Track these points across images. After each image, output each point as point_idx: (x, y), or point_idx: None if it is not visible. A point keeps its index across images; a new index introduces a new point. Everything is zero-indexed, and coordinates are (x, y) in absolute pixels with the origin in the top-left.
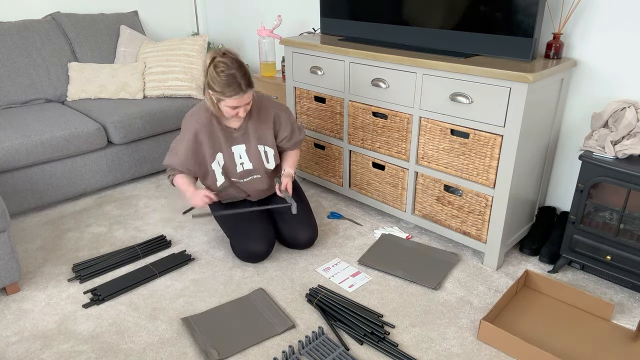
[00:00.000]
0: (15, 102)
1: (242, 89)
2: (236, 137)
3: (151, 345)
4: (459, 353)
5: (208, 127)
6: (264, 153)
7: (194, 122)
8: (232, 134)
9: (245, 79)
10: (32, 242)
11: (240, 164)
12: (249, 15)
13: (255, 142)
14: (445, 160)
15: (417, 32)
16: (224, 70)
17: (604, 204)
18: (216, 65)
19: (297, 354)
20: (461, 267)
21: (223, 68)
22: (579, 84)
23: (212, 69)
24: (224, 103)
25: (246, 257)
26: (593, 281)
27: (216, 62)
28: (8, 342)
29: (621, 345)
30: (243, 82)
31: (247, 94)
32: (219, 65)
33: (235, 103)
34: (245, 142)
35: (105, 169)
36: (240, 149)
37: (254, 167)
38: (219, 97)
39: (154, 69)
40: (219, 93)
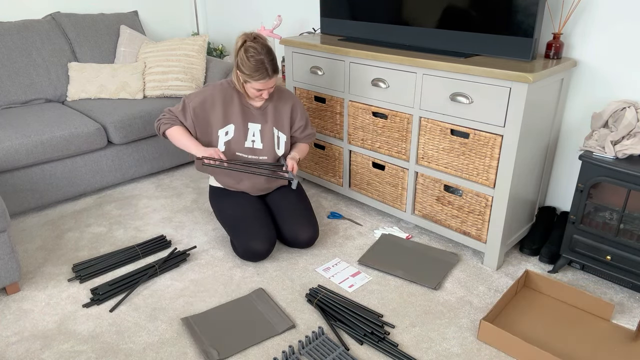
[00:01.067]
0: (15, 102)
1: (268, 74)
2: (255, 114)
3: (151, 345)
4: (459, 353)
5: (226, 94)
6: (277, 138)
7: (215, 86)
8: (251, 110)
9: (272, 65)
10: (32, 242)
11: (251, 140)
12: (249, 15)
13: (272, 125)
14: (445, 160)
15: (417, 32)
16: (253, 55)
17: (604, 204)
18: (246, 49)
19: (297, 354)
20: (461, 267)
21: (253, 53)
22: (579, 84)
23: (243, 52)
24: (250, 85)
25: (247, 255)
26: (593, 281)
27: (247, 47)
28: (8, 342)
29: (621, 345)
30: (270, 68)
31: (273, 79)
32: (249, 49)
33: (260, 86)
34: (262, 122)
35: (105, 169)
36: (256, 128)
37: (263, 147)
38: (246, 78)
39: (154, 69)
40: (246, 75)
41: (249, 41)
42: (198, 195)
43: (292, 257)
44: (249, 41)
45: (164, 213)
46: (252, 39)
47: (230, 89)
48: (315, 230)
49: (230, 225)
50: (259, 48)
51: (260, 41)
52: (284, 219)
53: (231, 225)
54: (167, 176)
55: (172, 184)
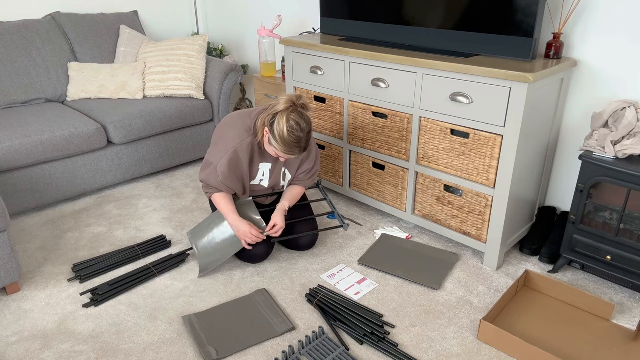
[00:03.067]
0: (15, 102)
1: (299, 152)
2: (267, 156)
3: (151, 345)
4: (459, 353)
5: (249, 149)
6: (283, 174)
7: (236, 141)
8: (265, 152)
9: (306, 144)
10: (32, 242)
11: (259, 180)
12: (249, 15)
13: (282, 165)
14: (445, 160)
15: (417, 32)
16: (294, 132)
17: (604, 204)
18: (289, 120)
19: (297, 354)
20: (461, 267)
21: (295, 129)
22: (579, 84)
23: (285, 121)
24: (274, 149)
25: (246, 258)
26: (593, 281)
27: (290, 117)
28: (8, 342)
29: (621, 345)
30: (303, 147)
31: (301, 156)
32: (291, 121)
33: (284, 157)
34: (273, 162)
35: (105, 169)
36: (266, 167)
37: (268, 186)
38: (273, 143)
39: (154, 69)
40: (276, 142)
41: (295, 111)
42: (198, 195)
43: (292, 257)
44: (295, 111)
45: (164, 213)
46: (299, 108)
47: (252, 141)
48: (316, 234)
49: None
50: (303, 126)
51: (306, 116)
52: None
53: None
54: (167, 176)
55: (172, 184)
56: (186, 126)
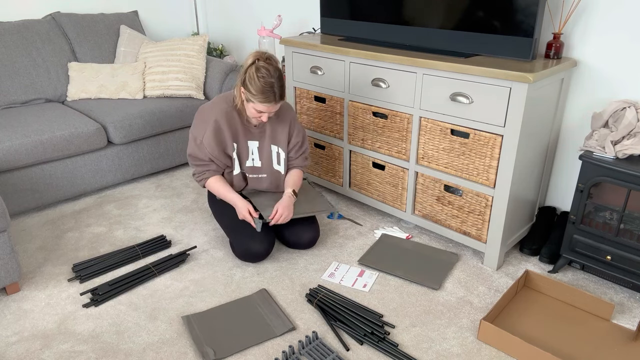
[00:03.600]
0: (15, 102)
1: (275, 99)
2: (253, 132)
3: (151, 345)
4: (459, 353)
5: (228, 116)
6: (277, 154)
7: (215, 111)
8: (250, 128)
9: (280, 90)
10: (32, 242)
11: (251, 159)
12: (249, 15)
13: (269, 142)
14: (445, 160)
15: (417, 32)
16: (264, 76)
17: (604, 204)
18: (258, 68)
19: (297, 354)
20: (461, 267)
21: (265, 74)
22: (579, 84)
23: (254, 70)
24: (252, 105)
25: (246, 256)
26: (593, 281)
27: (259, 65)
28: (8, 342)
29: (621, 345)
30: (278, 93)
31: (278, 104)
32: (261, 69)
33: (263, 109)
34: (260, 139)
35: (105, 169)
36: (254, 145)
37: (262, 165)
38: (250, 97)
39: (154, 69)
40: (251, 94)
41: (261, 60)
42: (198, 195)
43: (292, 257)
44: (262, 60)
45: (164, 213)
46: (265, 59)
47: (231, 109)
48: (317, 231)
49: (229, 227)
50: (272, 71)
51: (274, 63)
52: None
53: (230, 226)
54: (167, 176)
55: (172, 184)
56: (186, 126)
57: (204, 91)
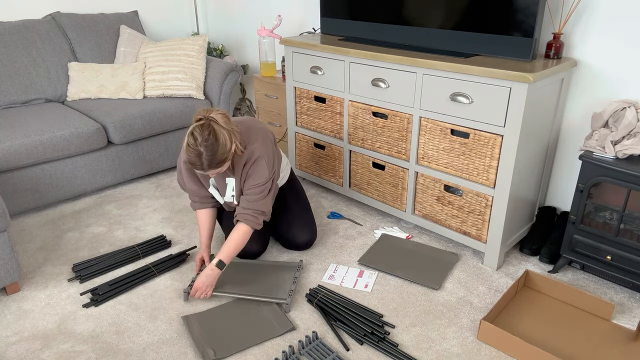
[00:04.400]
0: (15, 102)
1: (203, 169)
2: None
3: (151, 345)
4: (459, 353)
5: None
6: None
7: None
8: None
9: (209, 161)
10: (32, 242)
11: (231, 195)
12: (249, 15)
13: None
14: (445, 160)
15: (417, 32)
16: (190, 145)
17: (604, 204)
18: (189, 134)
19: (297, 354)
20: (461, 267)
21: (191, 143)
22: (579, 84)
23: (187, 135)
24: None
25: (240, 255)
26: (593, 281)
27: (193, 129)
28: (8, 342)
29: (621, 345)
30: (206, 163)
31: (212, 171)
32: (189, 136)
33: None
34: (236, 177)
35: (105, 169)
36: (232, 182)
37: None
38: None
39: (154, 69)
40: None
41: (199, 127)
42: None
43: (292, 257)
44: (197, 125)
45: (164, 213)
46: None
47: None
48: (313, 233)
49: (225, 224)
50: (200, 138)
51: (210, 129)
52: (281, 221)
53: (226, 224)
54: (167, 176)
55: (172, 184)
56: (186, 126)
57: (204, 91)
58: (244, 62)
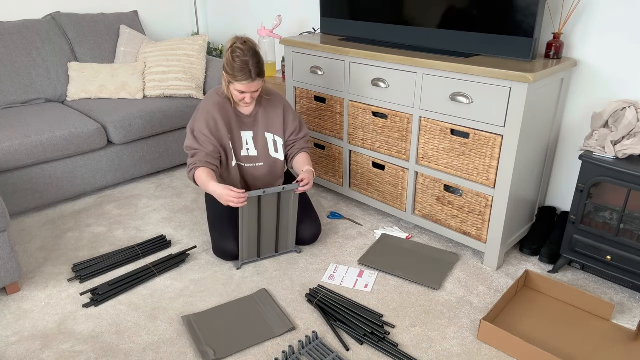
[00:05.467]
0: (15, 102)
1: (251, 76)
2: (246, 122)
3: (151, 345)
4: (459, 353)
5: (220, 107)
6: (273, 142)
7: (208, 103)
8: (243, 119)
9: (257, 68)
10: (32, 242)
11: (246, 149)
12: (249, 15)
13: (263, 130)
14: (445, 160)
15: (417, 32)
16: (239, 56)
17: (604, 204)
18: (233, 50)
19: (297, 354)
20: (461, 267)
21: (239, 54)
22: (579, 84)
23: (229, 53)
24: (233, 86)
25: (219, 253)
26: (593, 281)
27: (234, 48)
28: (8, 342)
29: (621, 345)
30: (254, 71)
31: (256, 82)
32: (235, 50)
33: (243, 88)
34: (254, 129)
35: (105, 169)
36: (248, 135)
37: (258, 154)
38: (230, 79)
39: (154, 69)
40: (230, 75)
41: (238, 43)
42: (198, 195)
43: (292, 257)
44: (238, 43)
45: (164, 213)
46: (242, 42)
47: (223, 100)
48: (319, 227)
49: (210, 224)
50: (246, 50)
51: (249, 44)
52: None
53: (211, 223)
54: (167, 176)
55: (172, 184)
56: (186, 126)
57: (204, 91)
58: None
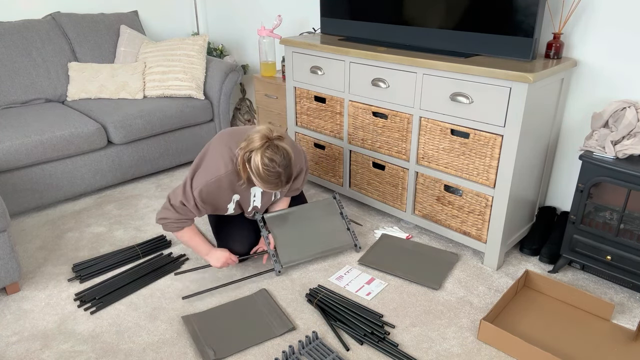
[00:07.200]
0: (15, 102)
1: (281, 187)
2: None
3: (151, 345)
4: (459, 353)
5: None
6: (274, 195)
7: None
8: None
9: (287, 179)
10: (32, 242)
11: (252, 201)
12: (249, 15)
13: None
14: (445, 160)
15: (417, 32)
16: (269, 169)
17: (604, 204)
18: (263, 157)
19: (297, 354)
20: (461, 267)
21: (270, 166)
22: (579, 84)
23: (259, 159)
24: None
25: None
26: (593, 281)
27: (265, 154)
28: (8, 342)
29: (621, 345)
30: (284, 181)
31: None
32: (264, 158)
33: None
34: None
35: (105, 169)
36: (257, 190)
37: (261, 206)
38: (254, 181)
39: (154, 69)
40: (256, 180)
41: (270, 147)
42: None
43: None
44: (271, 147)
45: None
46: (274, 147)
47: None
48: None
49: (214, 228)
50: (279, 160)
51: (282, 150)
52: None
53: (215, 228)
54: (167, 176)
55: (172, 184)
56: (186, 126)
57: (204, 91)
58: (244, 62)
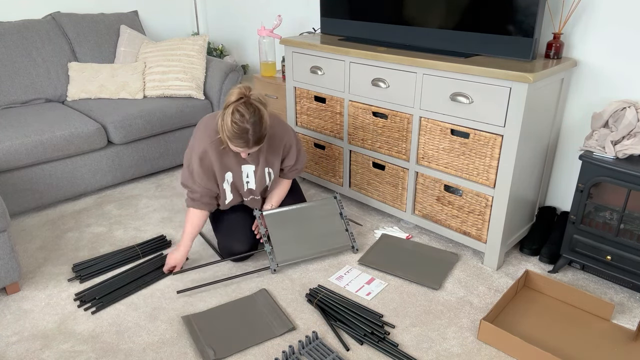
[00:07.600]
0: (15, 102)
1: (248, 145)
2: (248, 158)
3: (151, 345)
4: (459, 353)
5: (218, 148)
6: (268, 174)
7: (205, 139)
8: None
9: (256, 137)
10: (32, 242)
11: (246, 182)
12: (249, 15)
13: (264, 165)
14: (445, 160)
15: (417, 32)
16: (237, 122)
17: (604, 204)
18: (234, 111)
19: (297, 354)
20: (461, 267)
21: (238, 119)
22: (579, 84)
23: (229, 113)
24: (229, 143)
25: (228, 254)
26: (593, 281)
27: (234, 108)
28: (8, 342)
29: (621, 345)
30: (252, 140)
31: (254, 148)
32: (235, 113)
33: (238, 151)
34: (255, 163)
35: (105, 169)
36: (249, 169)
37: (256, 187)
38: (225, 139)
39: (154, 69)
40: (226, 136)
41: (240, 103)
42: None
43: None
44: (241, 103)
45: (164, 213)
46: (245, 102)
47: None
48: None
49: (216, 227)
50: (248, 115)
51: (254, 105)
52: None
53: (217, 226)
54: (167, 176)
55: (172, 184)
56: (186, 126)
57: (204, 91)
58: (244, 62)
